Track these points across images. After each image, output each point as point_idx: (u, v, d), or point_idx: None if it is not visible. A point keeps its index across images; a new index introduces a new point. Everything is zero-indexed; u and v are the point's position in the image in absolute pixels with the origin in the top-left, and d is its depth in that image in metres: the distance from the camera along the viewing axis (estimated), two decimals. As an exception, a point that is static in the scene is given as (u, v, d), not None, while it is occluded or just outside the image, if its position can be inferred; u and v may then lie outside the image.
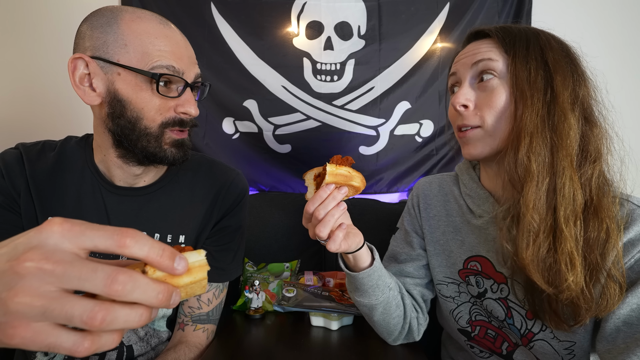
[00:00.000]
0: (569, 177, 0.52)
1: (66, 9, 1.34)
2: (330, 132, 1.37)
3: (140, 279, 0.27)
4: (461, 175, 0.74)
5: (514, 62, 0.57)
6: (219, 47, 1.34)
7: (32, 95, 1.36)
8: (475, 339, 0.70)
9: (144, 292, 0.27)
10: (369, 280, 0.65)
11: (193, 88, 0.67)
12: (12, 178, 0.66)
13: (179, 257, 0.29)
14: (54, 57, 1.33)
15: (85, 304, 0.25)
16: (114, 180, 0.70)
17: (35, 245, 0.26)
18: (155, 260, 0.28)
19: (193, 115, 0.65)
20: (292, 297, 0.90)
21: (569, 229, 0.52)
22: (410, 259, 0.78)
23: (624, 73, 1.37)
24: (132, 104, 0.61)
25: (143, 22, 0.61)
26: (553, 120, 0.54)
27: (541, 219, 0.53)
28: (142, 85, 0.60)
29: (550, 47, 0.57)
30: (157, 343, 0.77)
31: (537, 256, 0.53)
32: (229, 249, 0.80)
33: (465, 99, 0.60)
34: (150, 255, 0.28)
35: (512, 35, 0.59)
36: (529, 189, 0.53)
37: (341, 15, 1.34)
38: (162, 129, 0.63)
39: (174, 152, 0.65)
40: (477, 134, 0.60)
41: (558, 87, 0.55)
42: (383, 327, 0.72)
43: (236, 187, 0.81)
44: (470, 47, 0.63)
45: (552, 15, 1.35)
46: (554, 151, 0.54)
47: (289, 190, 1.39)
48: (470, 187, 0.70)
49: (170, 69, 0.61)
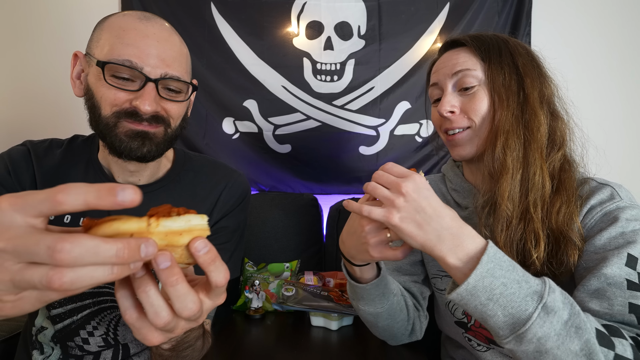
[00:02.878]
0: (539, 166, 0.59)
1: (66, 9, 1.34)
2: (330, 132, 1.37)
3: (86, 242, 0.25)
4: (447, 173, 0.79)
5: (490, 69, 0.62)
6: (219, 47, 1.34)
7: (32, 95, 1.36)
8: (472, 329, 0.71)
9: (96, 254, 0.25)
10: (376, 290, 0.65)
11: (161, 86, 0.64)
12: (18, 174, 0.67)
13: (120, 189, 0.26)
14: (53, 56, 1.33)
15: (40, 270, 0.25)
16: (115, 177, 0.71)
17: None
18: (95, 203, 0.26)
19: (142, 112, 0.62)
20: (292, 296, 0.90)
21: (536, 213, 0.58)
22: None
23: (624, 73, 1.37)
24: (94, 93, 0.63)
25: (124, 18, 0.63)
26: (525, 118, 0.60)
27: (514, 206, 0.59)
28: (101, 75, 0.61)
29: (518, 52, 0.63)
30: None
31: (510, 239, 0.58)
32: (225, 249, 0.80)
33: (451, 106, 0.64)
34: (89, 200, 0.26)
35: (485, 43, 0.64)
36: (504, 180, 0.59)
37: (341, 15, 1.34)
38: (116, 120, 0.62)
39: (129, 143, 0.63)
40: (466, 136, 0.65)
41: (528, 88, 0.61)
42: (387, 332, 0.72)
43: (238, 188, 0.80)
44: (448, 57, 0.67)
45: (552, 15, 1.35)
46: (527, 145, 0.60)
47: (289, 190, 1.39)
48: (456, 182, 0.75)
49: (126, 62, 0.59)
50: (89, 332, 0.70)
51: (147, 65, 0.61)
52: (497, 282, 0.43)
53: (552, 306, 0.43)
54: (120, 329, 0.72)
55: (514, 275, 0.44)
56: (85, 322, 0.70)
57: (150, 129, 0.64)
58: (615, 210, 0.57)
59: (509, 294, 0.43)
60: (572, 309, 0.44)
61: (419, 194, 0.48)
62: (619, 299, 0.52)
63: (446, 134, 0.67)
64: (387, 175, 0.50)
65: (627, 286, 0.52)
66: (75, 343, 0.70)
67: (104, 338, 0.71)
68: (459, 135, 0.65)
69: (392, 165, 0.52)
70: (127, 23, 0.62)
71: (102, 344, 0.71)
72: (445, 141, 0.69)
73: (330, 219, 1.24)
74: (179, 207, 0.31)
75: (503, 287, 0.43)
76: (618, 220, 0.56)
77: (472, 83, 0.63)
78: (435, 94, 0.69)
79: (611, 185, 0.60)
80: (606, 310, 0.51)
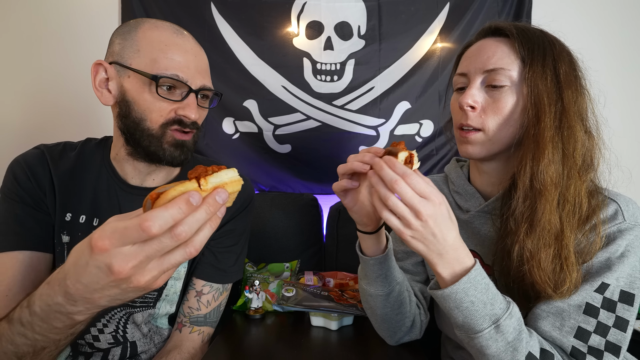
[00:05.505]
0: (576, 186, 0.56)
1: (65, 9, 1.34)
2: (330, 132, 1.37)
3: (198, 214, 0.35)
4: (450, 174, 0.77)
5: (532, 72, 0.57)
6: (219, 47, 1.34)
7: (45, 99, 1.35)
8: None
9: (198, 220, 0.35)
10: (379, 268, 0.66)
11: (200, 95, 0.70)
12: (38, 179, 0.70)
13: (217, 194, 0.37)
14: (54, 56, 1.33)
15: (178, 251, 0.36)
16: (127, 178, 0.74)
17: (110, 263, 0.34)
18: (182, 218, 0.35)
19: (191, 119, 0.68)
20: (292, 297, 0.90)
21: (571, 235, 0.55)
22: (408, 256, 0.79)
23: (624, 74, 1.37)
24: (137, 105, 0.65)
25: (158, 30, 0.66)
26: (563, 132, 0.56)
27: (552, 226, 0.56)
28: (146, 87, 0.65)
29: (562, 59, 0.58)
30: (160, 340, 0.79)
31: (547, 261, 0.56)
32: (232, 252, 0.82)
33: (474, 101, 0.60)
34: (176, 217, 0.34)
35: (531, 41, 0.59)
36: (546, 199, 0.55)
37: (341, 15, 1.34)
38: (164, 130, 0.67)
39: (172, 152, 0.68)
40: (478, 138, 0.61)
41: (568, 100, 0.56)
42: (386, 323, 0.71)
43: (243, 192, 0.81)
44: (485, 46, 0.62)
45: (552, 16, 1.34)
46: (564, 163, 0.56)
47: (289, 190, 1.39)
48: (458, 185, 0.73)
49: (174, 76, 0.64)
50: (99, 330, 0.72)
51: (190, 78, 0.66)
52: (467, 298, 0.51)
53: (503, 329, 0.51)
54: (129, 326, 0.74)
55: (484, 297, 0.51)
56: (96, 319, 0.72)
57: (189, 137, 0.70)
58: (616, 233, 0.56)
59: (473, 309, 0.51)
60: (519, 334, 0.52)
61: (435, 221, 0.48)
62: (571, 321, 0.55)
63: (460, 129, 0.64)
64: (405, 186, 0.47)
65: (585, 310, 0.55)
66: (86, 340, 0.72)
67: (113, 335, 0.73)
68: (472, 134, 0.61)
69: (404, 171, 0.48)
70: (167, 37, 0.66)
71: (111, 341, 0.73)
72: (457, 136, 0.66)
73: (330, 219, 1.24)
74: (211, 166, 0.39)
75: (470, 303, 0.51)
76: (612, 244, 0.55)
77: (503, 82, 0.58)
78: (460, 82, 0.65)
79: (618, 202, 0.58)
80: (555, 333, 0.55)
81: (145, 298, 0.75)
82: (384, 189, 0.48)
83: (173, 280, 0.77)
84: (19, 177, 0.69)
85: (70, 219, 0.70)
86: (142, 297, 0.74)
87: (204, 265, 0.79)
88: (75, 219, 0.71)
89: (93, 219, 0.71)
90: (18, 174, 0.69)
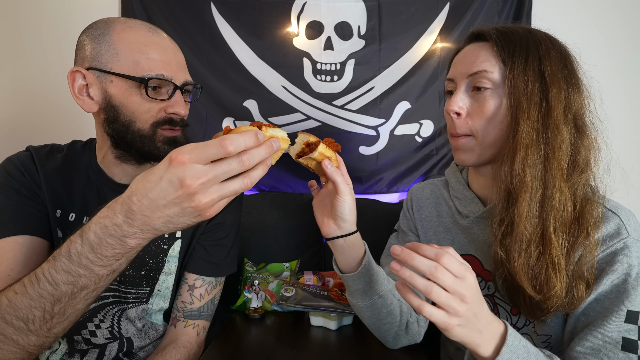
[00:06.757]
0: (559, 188, 0.55)
1: (65, 9, 1.34)
2: (330, 132, 1.37)
3: (260, 151, 0.42)
4: (449, 179, 0.77)
5: (512, 73, 0.57)
6: (219, 47, 1.34)
7: (32, 96, 1.36)
8: None
9: (260, 155, 0.42)
10: (355, 284, 0.66)
11: (183, 91, 0.71)
12: (31, 174, 0.71)
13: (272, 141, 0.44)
14: (53, 57, 1.33)
15: (237, 180, 0.42)
16: (115, 178, 0.74)
17: (182, 177, 0.39)
18: (251, 146, 0.41)
19: (182, 115, 0.69)
20: (291, 297, 0.90)
21: (557, 238, 0.55)
22: None
23: (624, 74, 1.37)
24: (125, 109, 0.65)
25: (133, 31, 0.66)
26: (547, 133, 0.55)
27: (533, 229, 0.55)
28: (133, 90, 0.65)
29: (549, 57, 0.57)
30: (155, 336, 0.79)
31: (528, 264, 0.55)
32: (223, 245, 0.83)
33: (459, 107, 0.62)
34: (247, 144, 0.40)
35: (512, 42, 0.58)
36: (523, 200, 0.55)
37: (341, 15, 1.34)
38: (154, 129, 0.68)
39: (166, 149, 0.69)
40: (467, 143, 0.62)
41: (553, 100, 0.55)
42: (375, 330, 0.72)
43: None
44: (469, 52, 0.63)
45: (552, 16, 1.35)
46: (547, 163, 0.55)
47: (289, 190, 1.39)
48: (458, 190, 0.73)
49: (159, 76, 0.65)
50: (96, 325, 0.73)
51: (173, 75, 0.67)
52: None
53: None
54: (123, 322, 0.75)
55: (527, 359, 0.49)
56: (92, 315, 0.73)
57: (178, 133, 0.71)
58: (622, 249, 0.54)
59: None
60: None
61: (475, 298, 0.46)
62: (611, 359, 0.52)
63: (452, 136, 0.65)
64: (444, 271, 0.44)
65: (622, 346, 0.52)
66: (82, 336, 0.73)
67: (110, 331, 0.74)
68: (461, 140, 0.62)
69: (436, 252, 0.46)
70: (144, 37, 0.66)
71: (108, 337, 0.74)
72: (451, 143, 0.67)
73: (330, 219, 1.24)
74: (268, 123, 0.47)
75: None
76: (622, 263, 0.54)
77: (485, 85, 0.59)
78: (450, 87, 0.66)
79: (619, 216, 0.57)
80: None
81: (138, 293, 0.75)
82: (422, 281, 0.45)
83: (165, 276, 0.77)
84: (12, 172, 0.69)
85: (60, 215, 0.71)
86: (135, 293, 0.75)
87: (195, 260, 0.79)
88: (65, 216, 0.71)
89: (83, 217, 0.72)
90: (11, 170, 0.70)
